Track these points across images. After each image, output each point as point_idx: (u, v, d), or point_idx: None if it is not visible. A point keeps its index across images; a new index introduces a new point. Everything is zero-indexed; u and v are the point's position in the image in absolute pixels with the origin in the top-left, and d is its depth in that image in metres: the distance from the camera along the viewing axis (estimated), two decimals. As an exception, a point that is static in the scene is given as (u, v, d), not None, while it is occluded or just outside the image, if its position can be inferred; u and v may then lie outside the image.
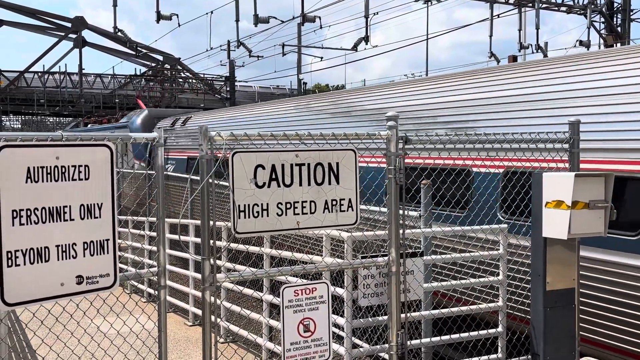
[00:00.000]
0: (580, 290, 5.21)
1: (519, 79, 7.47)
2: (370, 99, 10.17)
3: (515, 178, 5.95)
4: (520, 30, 27.72)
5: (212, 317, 4.06)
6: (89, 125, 33.27)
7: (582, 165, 5.39)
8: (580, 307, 5.28)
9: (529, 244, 5.18)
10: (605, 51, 7.29)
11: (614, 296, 5.78)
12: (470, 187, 7.28)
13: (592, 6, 25.74)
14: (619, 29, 26.86)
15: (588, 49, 26.17)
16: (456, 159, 6.61)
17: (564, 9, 27.68)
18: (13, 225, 3.19)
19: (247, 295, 8.49)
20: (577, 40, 27.32)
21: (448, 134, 4.95)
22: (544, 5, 26.94)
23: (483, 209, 6.70)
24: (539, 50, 27.61)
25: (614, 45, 24.98)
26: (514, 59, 25.67)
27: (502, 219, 6.86)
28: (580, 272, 5.22)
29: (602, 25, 27.39)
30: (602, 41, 26.77)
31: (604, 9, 26.86)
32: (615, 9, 27.13)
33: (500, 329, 5.82)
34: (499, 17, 27.36)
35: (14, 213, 3.20)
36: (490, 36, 28.32)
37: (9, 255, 3.19)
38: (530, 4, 26.61)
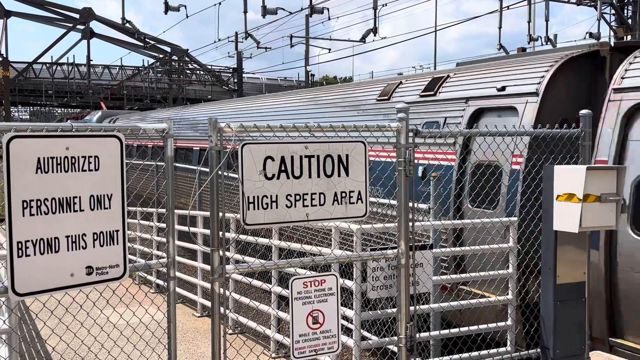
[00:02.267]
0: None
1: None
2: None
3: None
4: (529, 22, 27.51)
5: (221, 309, 4.06)
6: (69, 121, 36.26)
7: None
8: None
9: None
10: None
11: None
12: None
13: (603, -2, 25.49)
14: (629, 21, 26.62)
15: (598, 41, 25.92)
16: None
17: (574, 0, 27.44)
18: (23, 215, 3.19)
19: (255, 286, 8.50)
20: (587, 33, 27.14)
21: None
22: (554, -3, 26.71)
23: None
24: (549, 42, 27.42)
25: (625, 37, 24.74)
26: (522, 51, 25.51)
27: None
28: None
29: (613, 17, 27.14)
30: (612, 33, 26.54)
31: (614, 1, 26.59)
32: (626, 1, 26.87)
33: (509, 322, 5.80)
34: (508, 8, 27.20)
35: (24, 204, 3.19)
36: (500, 28, 28.15)
37: (19, 246, 3.19)
38: (540, -4, 26.40)
